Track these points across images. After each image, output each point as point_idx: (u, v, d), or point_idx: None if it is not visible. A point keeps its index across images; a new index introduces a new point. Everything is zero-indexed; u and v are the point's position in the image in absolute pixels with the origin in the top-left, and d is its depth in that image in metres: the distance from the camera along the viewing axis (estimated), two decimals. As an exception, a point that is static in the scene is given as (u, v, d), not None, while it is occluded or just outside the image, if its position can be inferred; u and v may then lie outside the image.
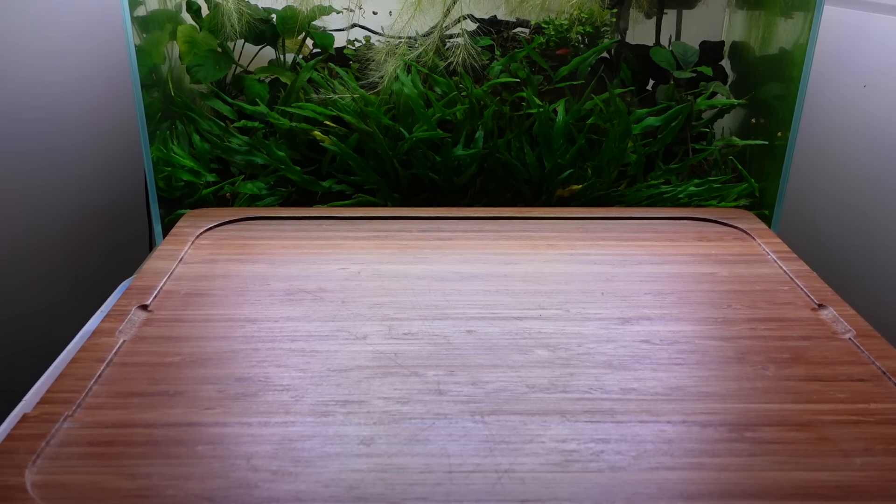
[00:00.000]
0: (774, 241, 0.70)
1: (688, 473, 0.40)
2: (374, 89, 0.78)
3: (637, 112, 0.80)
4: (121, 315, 0.55)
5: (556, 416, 0.45)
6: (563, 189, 0.79)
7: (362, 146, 0.78)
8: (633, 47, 0.85)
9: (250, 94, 0.80)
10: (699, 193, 0.80)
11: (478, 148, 0.78)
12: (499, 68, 0.80)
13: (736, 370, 0.50)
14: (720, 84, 0.84)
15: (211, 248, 0.68)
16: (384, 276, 0.62)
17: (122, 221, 0.97)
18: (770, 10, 0.81)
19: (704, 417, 0.45)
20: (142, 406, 0.45)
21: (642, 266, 0.65)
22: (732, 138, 0.84)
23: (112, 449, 0.42)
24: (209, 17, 0.80)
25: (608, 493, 0.39)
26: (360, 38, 0.83)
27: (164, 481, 0.39)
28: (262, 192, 0.79)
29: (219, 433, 0.43)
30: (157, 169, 0.77)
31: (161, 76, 0.79)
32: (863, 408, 0.46)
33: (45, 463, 0.41)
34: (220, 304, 0.58)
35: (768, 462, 0.41)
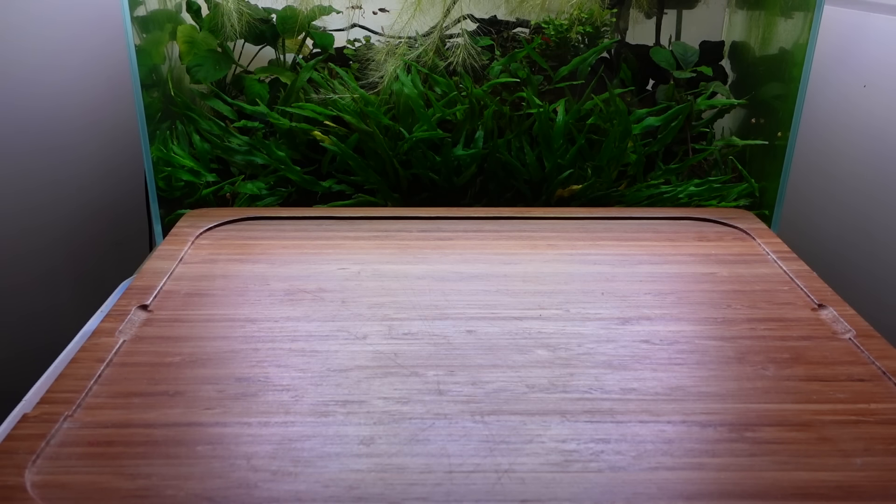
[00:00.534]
0: (774, 240, 0.70)
1: (688, 473, 0.40)
2: (374, 89, 0.78)
3: (637, 112, 0.80)
4: (121, 315, 0.55)
5: (556, 416, 0.45)
6: (563, 189, 0.79)
7: (362, 146, 0.78)
8: (633, 47, 0.85)
9: (250, 94, 0.80)
10: (699, 193, 0.80)
11: (478, 148, 0.78)
12: (499, 68, 0.80)
13: (736, 370, 0.50)
14: (720, 84, 0.84)
15: (211, 248, 0.68)
16: (384, 276, 0.62)
17: (122, 221, 0.97)
18: (770, 10, 0.81)
19: (704, 417, 0.45)
20: (142, 406, 0.45)
21: (642, 266, 0.65)
22: (732, 138, 0.84)
23: (112, 449, 0.42)
24: (209, 17, 0.80)
25: (608, 493, 0.39)
26: (360, 37, 0.83)
27: (164, 481, 0.39)
28: (262, 192, 0.79)
29: (219, 433, 0.43)
30: (157, 169, 0.77)
31: (161, 76, 0.79)
32: (863, 408, 0.46)
33: (44, 463, 0.41)
34: (220, 304, 0.58)
35: (768, 462, 0.41)
